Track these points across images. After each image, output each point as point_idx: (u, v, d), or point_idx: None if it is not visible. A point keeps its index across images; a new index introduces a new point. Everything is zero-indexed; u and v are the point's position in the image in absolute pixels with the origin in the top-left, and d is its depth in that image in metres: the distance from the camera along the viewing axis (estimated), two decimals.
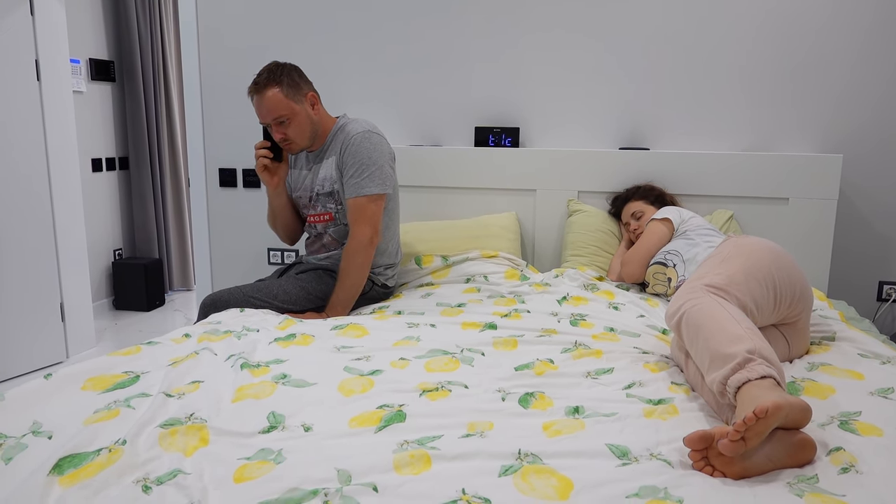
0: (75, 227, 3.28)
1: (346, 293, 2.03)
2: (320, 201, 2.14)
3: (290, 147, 2.06)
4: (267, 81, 1.98)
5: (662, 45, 2.58)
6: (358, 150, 2.03)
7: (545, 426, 1.21)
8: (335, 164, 2.09)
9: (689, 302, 1.39)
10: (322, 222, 2.17)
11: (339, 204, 2.12)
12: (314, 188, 2.15)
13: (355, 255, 2.02)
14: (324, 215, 2.15)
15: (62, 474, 1.02)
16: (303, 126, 2.04)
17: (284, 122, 2.01)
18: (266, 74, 2.00)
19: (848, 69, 2.45)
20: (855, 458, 1.09)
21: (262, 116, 2.01)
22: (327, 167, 2.11)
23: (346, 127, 2.11)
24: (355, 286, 2.04)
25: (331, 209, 2.13)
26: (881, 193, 2.49)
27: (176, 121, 4.42)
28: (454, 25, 2.74)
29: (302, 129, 2.04)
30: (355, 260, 2.02)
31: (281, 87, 1.98)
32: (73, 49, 3.82)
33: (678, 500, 0.97)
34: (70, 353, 3.31)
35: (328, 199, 2.13)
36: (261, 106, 1.99)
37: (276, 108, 1.98)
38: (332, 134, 2.13)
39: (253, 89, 2.00)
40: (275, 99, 1.97)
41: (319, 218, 2.16)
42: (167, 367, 1.47)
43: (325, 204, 2.14)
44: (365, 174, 2.03)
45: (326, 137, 2.13)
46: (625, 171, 2.55)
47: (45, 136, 3.10)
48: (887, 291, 2.55)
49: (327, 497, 0.97)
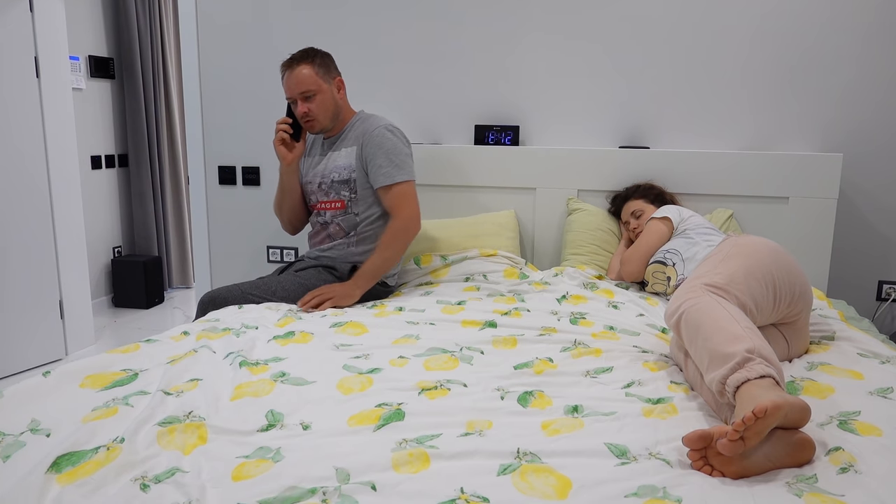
0: (75, 225, 3.28)
1: (380, 264, 2.09)
2: (334, 188, 2.18)
3: (312, 125, 2.13)
4: (301, 57, 2.10)
5: (663, 43, 2.57)
6: (384, 142, 2.11)
7: (544, 425, 1.21)
8: (356, 153, 2.15)
9: (689, 301, 1.39)
10: (332, 209, 2.19)
11: (354, 193, 2.16)
12: (329, 175, 2.18)
13: (400, 232, 2.10)
14: (335, 202, 2.18)
15: (60, 472, 1.02)
16: (327, 105, 2.12)
17: (311, 97, 2.10)
18: (301, 52, 2.12)
19: (848, 68, 2.45)
20: (854, 457, 1.09)
21: (290, 90, 2.10)
22: (347, 155, 2.16)
23: (369, 120, 2.18)
24: (390, 260, 2.10)
25: (344, 197, 2.17)
26: (881, 193, 2.49)
27: (175, 118, 4.42)
28: (454, 23, 2.74)
29: (326, 108, 2.12)
30: (399, 235, 2.10)
31: (313, 64, 2.09)
32: (72, 46, 3.82)
33: (677, 499, 0.97)
34: (69, 350, 3.30)
35: (343, 187, 2.16)
36: (291, 79, 2.08)
37: (305, 82, 2.08)
38: (351, 123, 2.21)
39: (286, 64, 2.10)
40: (305, 73, 2.08)
41: (330, 205, 2.19)
42: (166, 364, 1.47)
43: (338, 191, 2.17)
44: (395, 162, 2.11)
45: (346, 125, 2.21)
46: (624, 169, 2.55)
47: (45, 133, 3.09)
48: (887, 291, 2.55)
49: (326, 495, 0.97)
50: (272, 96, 2.96)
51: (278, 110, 2.96)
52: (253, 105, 2.98)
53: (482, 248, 2.44)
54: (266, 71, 2.94)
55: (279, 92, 2.94)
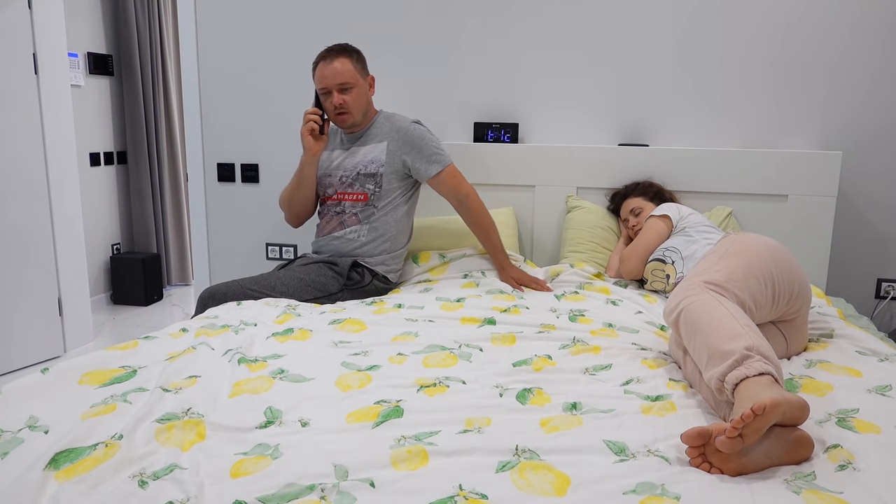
0: (73, 222, 3.28)
1: (495, 238, 2.27)
2: (359, 181, 2.22)
3: (344, 118, 2.18)
4: (340, 50, 2.15)
5: (662, 41, 2.57)
6: (421, 137, 2.21)
7: (543, 422, 1.21)
8: (387, 149, 2.21)
9: (688, 299, 1.39)
10: (352, 201, 2.23)
11: (378, 187, 2.21)
12: (355, 168, 2.23)
13: (482, 209, 2.25)
14: (359, 195, 2.22)
15: (58, 469, 1.02)
16: (361, 99, 2.18)
17: (348, 89, 2.15)
18: (339, 46, 2.16)
19: (848, 66, 2.45)
20: (852, 455, 1.09)
21: (326, 80, 2.13)
22: (376, 150, 2.22)
23: (395, 117, 2.26)
24: (494, 228, 2.27)
25: (368, 190, 2.22)
26: (880, 191, 2.49)
27: (174, 115, 4.41)
28: (453, 21, 2.73)
29: (360, 102, 2.18)
30: (484, 210, 2.26)
31: (351, 59, 2.16)
32: (71, 43, 3.81)
33: (675, 496, 0.97)
34: (68, 347, 3.30)
35: (368, 180, 2.21)
36: (329, 70, 2.12)
37: (344, 74, 2.13)
38: (375, 120, 2.26)
39: (325, 55, 2.14)
40: (345, 66, 2.13)
41: (353, 197, 2.23)
42: (164, 361, 1.47)
43: (363, 184, 2.22)
44: (436, 151, 2.22)
45: (371, 122, 2.27)
46: (624, 167, 2.55)
47: (43, 130, 3.09)
48: (885, 289, 2.55)
49: (324, 492, 0.97)
50: (271, 93, 2.95)
51: (278, 107, 2.95)
52: (252, 102, 2.98)
53: (479, 247, 2.44)
54: (265, 67, 2.93)
55: (279, 88, 2.94)
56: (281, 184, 3.02)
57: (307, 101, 2.92)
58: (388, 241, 2.24)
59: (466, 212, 2.24)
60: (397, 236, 2.27)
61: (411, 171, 2.24)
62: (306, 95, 2.92)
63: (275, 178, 3.02)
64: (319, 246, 2.29)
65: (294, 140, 2.97)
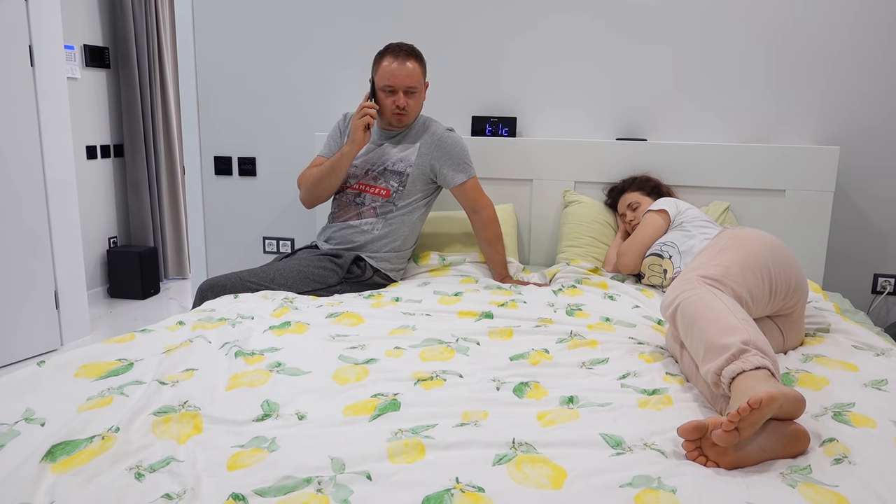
0: (70, 215, 3.27)
1: (501, 249, 2.31)
2: (384, 176, 2.25)
3: (403, 118, 2.22)
4: (412, 52, 2.19)
5: (661, 36, 2.57)
6: (454, 145, 2.27)
7: (539, 415, 1.21)
8: (418, 150, 2.25)
9: (685, 293, 1.39)
10: (374, 194, 2.25)
11: (403, 186, 2.24)
12: (383, 164, 2.26)
13: (495, 221, 2.30)
14: (382, 189, 2.24)
15: (55, 461, 1.02)
16: (419, 104, 2.25)
17: (412, 93, 2.19)
18: (410, 47, 2.20)
19: (846, 61, 2.44)
20: (848, 449, 1.09)
21: (395, 79, 2.15)
22: (409, 151, 2.26)
23: (432, 123, 2.31)
24: (503, 245, 2.32)
25: (392, 187, 2.24)
26: (877, 186, 2.49)
27: (171, 108, 4.40)
28: (451, 15, 2.72)
29: (418, 106, 2.25)
30: (497, 223, 2.30)
31: (420, 62, 2.21)
32: (67, 35, 3.79)
33: (671, 489, 0.97)
34: (64, 340, 3.30)
35: (394, 177, 2.24)
36: (401, 70, 2.14)
37: (414, 78, 2.17)
38: (414, 123, 2.30)
39: (396, 52, 2.16)
40: (416, 70, 2.18)
41: (376, 191, 2.25)
42: (161, 354, 1.47)
43: (388, 180, 2.25)
44: (465, 161, 2.28)
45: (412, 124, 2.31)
46: (621, 161, 2.54)
47: (39, 123, 3.07)
48: (882, 284, 2.56)
49: (321, 485, 0.97)
50: (268, 86, 2.94)
51: (276, 100, 2.94)
52: (249, 95, 2.97)
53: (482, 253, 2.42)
54: (263, 60, 2.92)
55: (277, 81, 2.93)
56: (279, 177, 3.01)
57: (305, 95, 2.91)
58: (398, 240, 2.25)
59: (480, 222, 2.28)
60: (408, 237, 2.28)
61: (437, 176, 2.27)
62: (304, 89, 2.91)
63: (272, 171, 3.01)
64: (332, 232, 2.28)
65: (292, 133, 2.96)
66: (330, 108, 2.91)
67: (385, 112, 2.21)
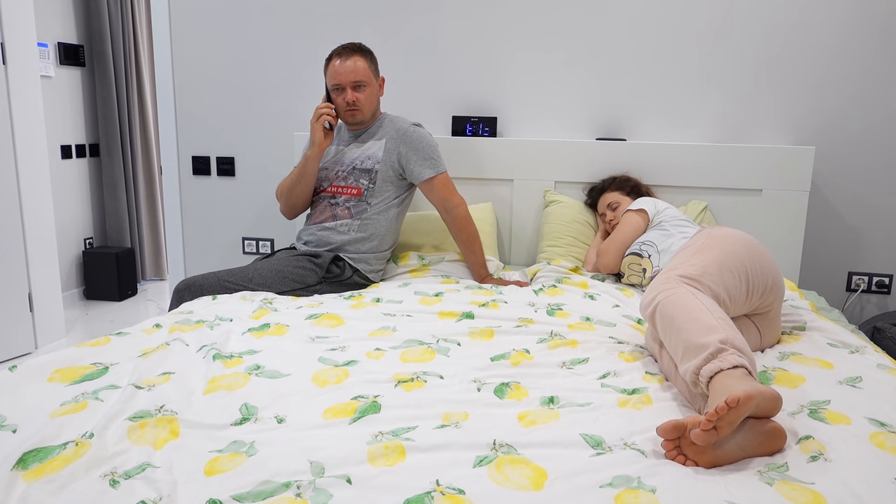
0: (44, 216, 3.21)
1: (478, 249, 2.29)
2: (353, 175, 2.26)
3: (355, 114, 2.22)
4: (356, 48, 2.21)
5: (639, 36, 2.58)
6: (420, 139, 2.25)
7: (520, 416, 1.21)
8: (384, 147, 2.25)
9: (664, 293, 1.40)
10: (346, 195, 2.25)
11: (373, 183, 2.24)
12: (352, 163, 2.27)
13: (469, 221, 2.27)
14: (352, 189, 2.25)
15: (27, 469, 1.00)
16: (372, 98, 2.24)
17: (361, 87, 2.20)
18: (355, 45, 2.22)
19: (821, 62, 2.48)
20: (824, 446, 1.11)
21: (341, 77, 2.17)
22: (375, 147, 2.26)
23: (397, 119, 2.30)
24: (481, 244, 2.30)
25: (362, 185, 2.25)
26: (852, 185, 2.53)
27: (148, 107, 4.34)
28: (431, 14, 2.72)
29: (370, 101, 2.24)
30: (471, 222, 2.27)
31: (366, 58, 2.22)
32: (40, 32, 3.72)
33: (651, 489, 0.98)
34: (39, 344, 3.24)
35: (363, 175, 2.24)
36: (345, 67, 2.17)
37: (360, 73, 2.18)
38: (380, 120, 2.31)
39: (340, 52, 2.19)
40: (361, 65, 2.19)
41: (347, 191, 2.26)
42: (137, 358, 1.45)
43: (358, 179, 2.25)
44: (433, 156, 2.25)
45: (375, 122, 2.32)
46: (601, 161, 2.56)
47: (12, 122, 3.01)
48: (856, 282, 2.60)
49: (300, 489, 0.96)
50: (247, 85, 2.91)
51: (254, 99, 2.92)
52: (227, 94, 2.94)
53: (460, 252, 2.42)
54: (241, 59, 2.89)
55: (254, 80, 2.90)
56: (257, 177, 2.98)
57: (284, 94, 2.89)
58: (375, 240, 2.25)
59: (453, 221, 2.26)
60: (385, 237, 2.27)
61: (405, 171, 2.26)
62: (283, 88, 2.88)
63: (251, 171, 2.98)
64: (309, 234, 2.27)
65: (271, 133, 2.94)
66: (309, 107, 2.89)
67: (339, 111, 2.23)
